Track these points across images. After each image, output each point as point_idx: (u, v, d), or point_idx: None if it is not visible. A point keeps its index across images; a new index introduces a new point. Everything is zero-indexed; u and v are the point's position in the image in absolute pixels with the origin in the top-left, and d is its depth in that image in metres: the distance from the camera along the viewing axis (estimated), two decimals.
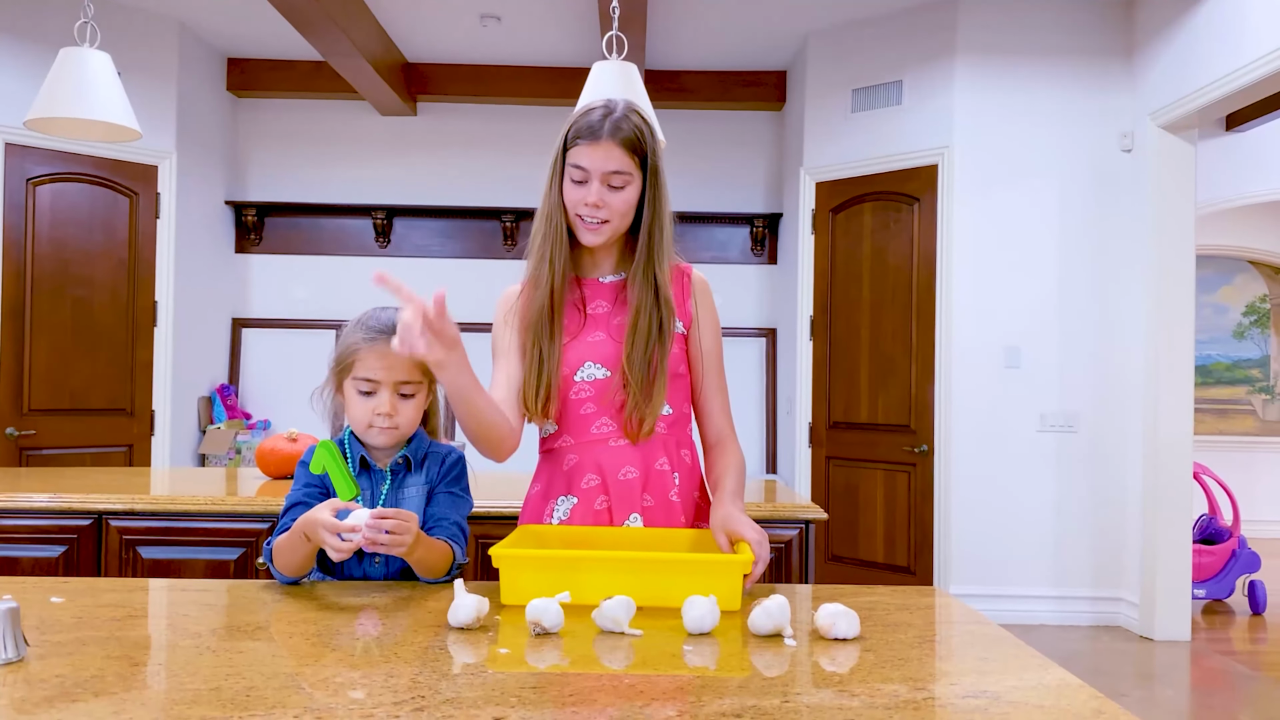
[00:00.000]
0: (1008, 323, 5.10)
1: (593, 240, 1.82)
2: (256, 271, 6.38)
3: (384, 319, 1.78)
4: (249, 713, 1.02)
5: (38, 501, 2.59)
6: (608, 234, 1.82)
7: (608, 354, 1.85)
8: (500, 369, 1.86)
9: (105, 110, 3.14)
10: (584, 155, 1.77)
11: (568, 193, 1.81)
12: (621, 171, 1.78)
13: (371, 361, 1.74)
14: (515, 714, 1.04)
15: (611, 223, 1.81)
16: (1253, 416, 8.39)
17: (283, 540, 1.66)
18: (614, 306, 1.89)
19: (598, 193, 1.77)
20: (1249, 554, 5.63)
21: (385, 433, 1.76)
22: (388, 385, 1.75)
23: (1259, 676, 4.38)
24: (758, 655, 1.29)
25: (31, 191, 4.92)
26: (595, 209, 1.78)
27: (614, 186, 1.78)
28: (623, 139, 1.77)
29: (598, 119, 1.78)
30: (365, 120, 6.40)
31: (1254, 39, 4.08)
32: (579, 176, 1.78)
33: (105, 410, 5.23)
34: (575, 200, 1.80)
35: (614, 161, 1.77)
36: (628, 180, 1.79)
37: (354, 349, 1.76)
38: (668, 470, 1.88)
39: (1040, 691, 1.16)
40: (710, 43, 5.83)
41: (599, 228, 1.80)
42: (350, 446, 1.81)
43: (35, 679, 1.12)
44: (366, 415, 1.75)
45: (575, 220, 1.82)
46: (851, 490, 5.50)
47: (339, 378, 1.80)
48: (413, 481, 1.80)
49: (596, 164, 1.77)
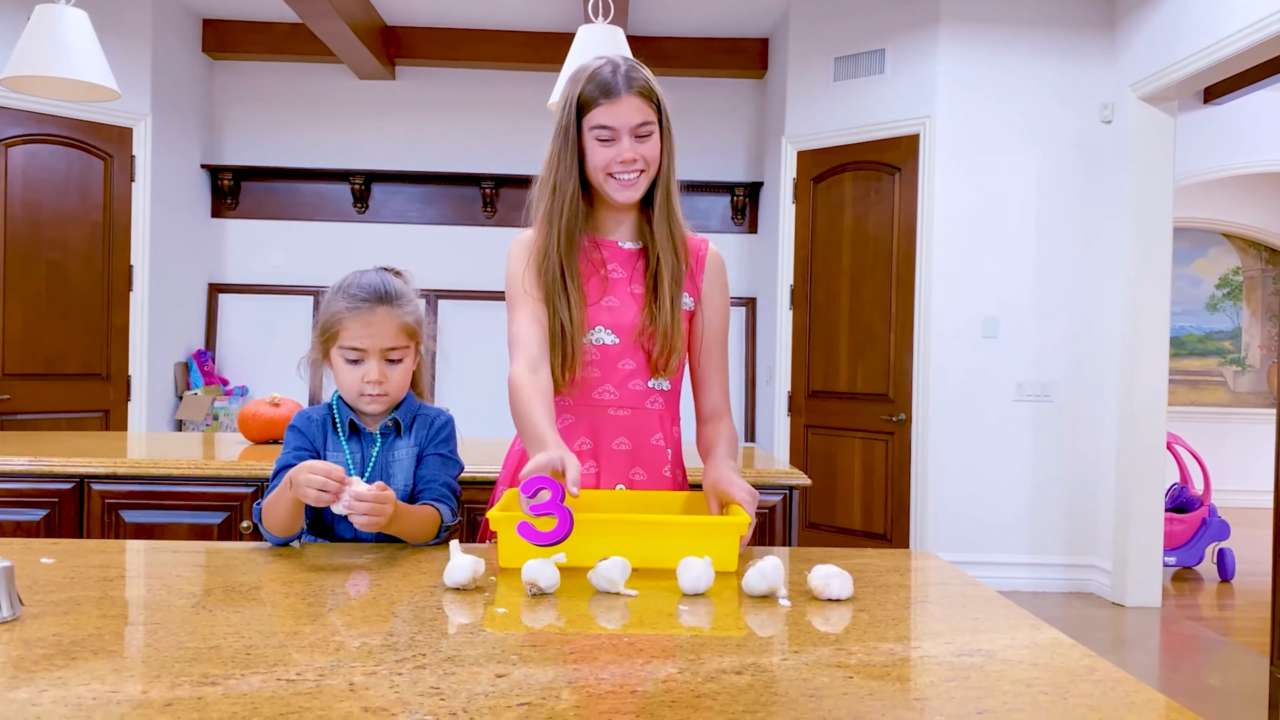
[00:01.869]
0: (986, 293, 5.13)
1: (628, 197, 1.81)
2: (233, 236, 6.31)
3: (365, 284, 1.77)
4: (251, 670, 1.02)
5: (17, 465, 2.57)
6: (644, 185, 1.82)
7: (619, 321, 1.85)
8: (526, 311, 1.81)
9: (83, 69, 3.09)
10: (606, 114, 1.76)
11: (595, 156, 1.79)
12: (646, 121, 1.78)
13: (357, 330, 1.74)
14: (518, 670, 1.04)
15: (647, 172, 1.81)
16: (1224, 388, 8.51)
17: (270, 497, 1.65)
18: (630, 273, 1.88)
19: (631, 147, 1.77)
20: (1219, 523, 5.73)
21: (376, 400, 1.76)
22: (374, 353, 1.74)
23: (1227, 642, 4.46)
24: (752, 615, 1.30)
25: (4, 153, 4.85)
26: (631, 164, 1.78)
27: (641, 136, 1.78)
28: (639, 89, 1.77)
29: (609, 75, 1.77)
30: (343, 84, 6.33)
31: (1233, 12, 4.10)
32: (605, 136, 1.77)
33: (81, 375, 5.18)
34: (606, 160, 1.78)
35: (638, 113, 1.77)
36: (652, 128, 1.79)
37: (338, 318, 1.75)
38: (662, 445, 1.89)
39: (1033, 650, 1.17)
40: (692, 9, 5.79)
41: (635, 181, 1.80)
42: (339, 411, 1.80)
43: (33, 638, 1.12)
44: (356, 384, 1.75)
45: (606, 181, 1.80)
46: (830, 458, 5.53)
47: (325, 346, 1.79)
48: (402, 444, 1.80)
49: (621, 119, 1.76)
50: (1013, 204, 5.12)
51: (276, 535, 1.66)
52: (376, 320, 1.74)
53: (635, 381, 1.86)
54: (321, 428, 1.79)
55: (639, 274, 1.88)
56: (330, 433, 1.79)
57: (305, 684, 0.99)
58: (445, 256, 6.21)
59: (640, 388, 1.87)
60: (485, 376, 5.19)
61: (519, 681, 1.01)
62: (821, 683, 1.03)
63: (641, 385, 1.87)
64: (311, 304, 6.26)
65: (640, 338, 1.85)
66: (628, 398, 1.86)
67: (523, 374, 1.72)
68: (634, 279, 1.88)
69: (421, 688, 0.98)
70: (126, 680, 0.99)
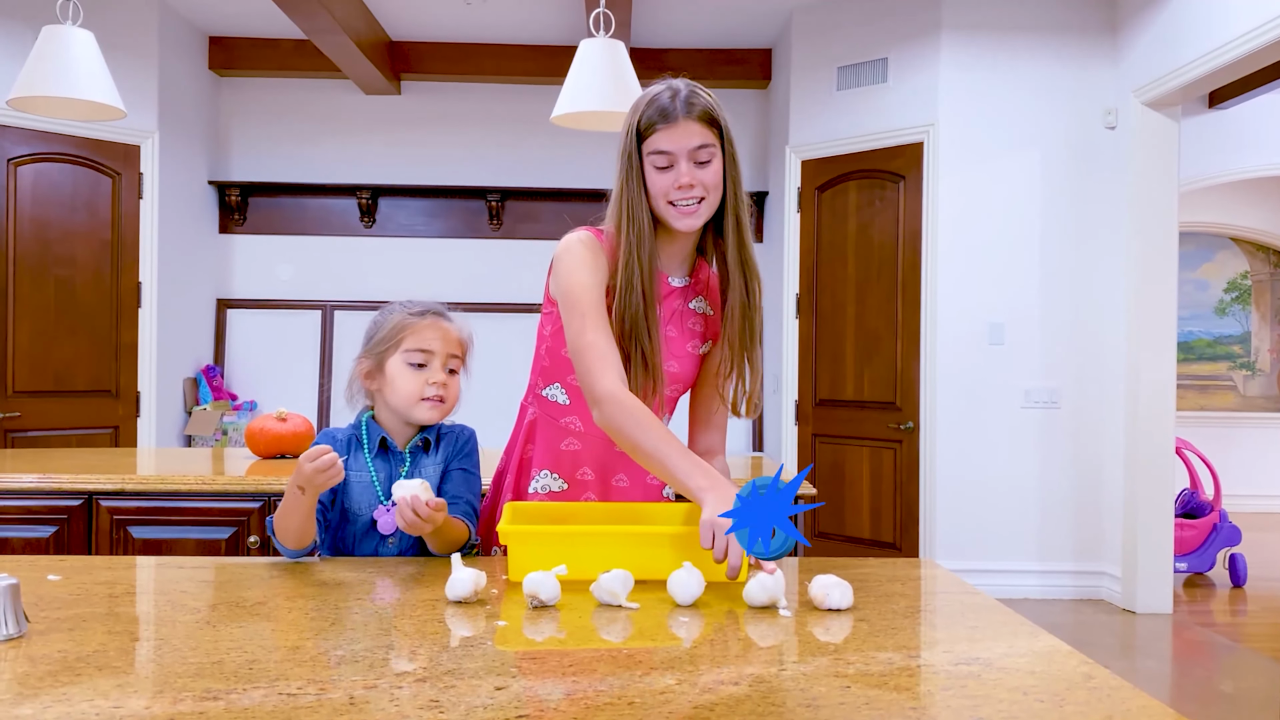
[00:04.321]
0: (992, 299, 5.13)
1: (690, 225, 1.73)
2: (240, 252, 6.34)
3: (419, 302, 1.86)
4: (252, 685, 1.03)
5: (27, 482, 2.59)
6: (705, 213, 1.75)
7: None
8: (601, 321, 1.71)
9: (89, 89, 3.12)
10: (664, 139, 1.70)
11: (654, 183, 1.72)
12: (706, 145, 1.71)
13: (426, 334, 1.80)
14: (517, 684, 1.05)
15: (708, 199, 1.73)
16: (1233, 392, 8.47)
17: (280, 509, 1.66)
18: (669, 315, 1.82)
19: (689, 173, 1.70)
20: (1230, 528, 5.70)
21: (436, 405, 1.79)
22: (440, 356, 1.80)
23: (1239, 648, 4.44)
24: (753, 626, 1.31)
25: (13, 172, 4.88)
26: (689, 190, 1.70)
27: (701, 162, 1.71)
28: (699, 114, 1.71)
29: (667, 100, 1.71)
30: (349, 99, 6.36)
31: (1236, 16, 4.10)
32: (663, 163, 1.70)
33: (90, 392, 5.20)
34: (665, 188, 1.71)
35: (696, 136, 1.70)
36: (713, 153, 1.72)
37: (404, 325, 1.81)
38: (656, 484, 1.88)
39: (1031, 658, 1.18)
40: (694, 20, 5.81)
41: (695, 209, 1.72)
42: (369, 429, 1.82)
43: (38, 655, 1.13)
44: (419, 388, 1.78)
45: (666, 209, 1.72)
46: (837, 467, 5.53)
47: (382, 357, 1.81)
48: (429, 461, 1.83)
49: (679, 144, 1.70)
50: (1017, 210, 5.12)
51: (292, 548, 1.67)
52: (442, 326, 1.83)
53: None
54: (346, 446, 1.81)
55: (675, 317, 1.83)
56: (355, 451, 1.81)
57: (306, 698, 1.00)
58: (452, 269, 6.23)
59: None
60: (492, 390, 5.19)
61: (518, 694, 1.02)
62: (819, 692, 1.04)
63: None
64: (319, 318, 6.29)
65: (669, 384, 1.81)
66: None
67: (624, 392, 1.64)
68: (669, 320, 1.82)
69: (421, 701, 0.99)
70: (130, 696, 1.00)
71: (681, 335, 1.85)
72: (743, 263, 1.81)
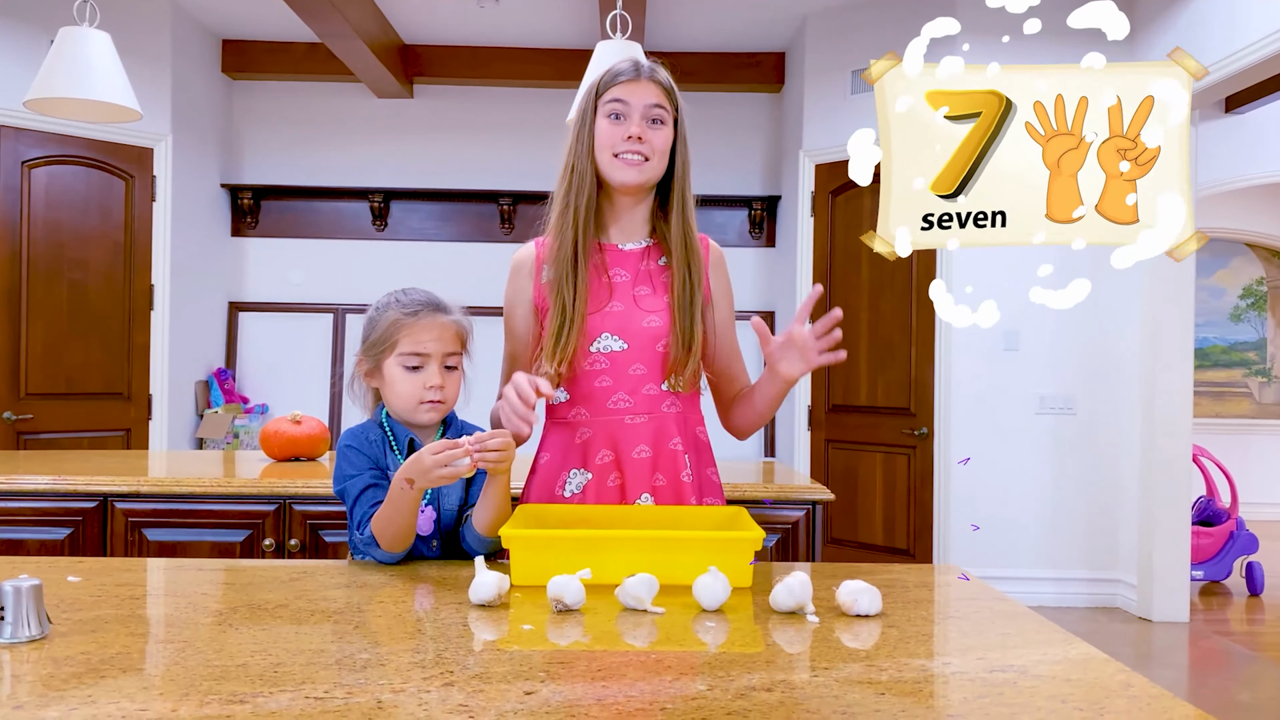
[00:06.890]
0: (1006, 305, 5.09)
1: (632, 177, 1.80)
2: (253, 255, 6.35)
3: (416, 295, 1.80)
4: (278, 688, 1.02)
5: (42, 484, 2.58)
6: (648, 173, 1.81)
7: (625, 326, 1.83)
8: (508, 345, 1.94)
9: (105, 90, 3.12)
10: (623, 91, 1.79)
11: (604, 133, 1.80)
12: (661, 106, 1.80)
13: (419, 334, 1.75)
14: (546, 688, 1.04)
15: (651, 161, 1.80)
16: (1249, 399, 8.42)
17: (383, 511, 1.62)
18: (635, 276, 1.87)
19: (640, 126, 1.78)
20: (1247, 536, 5.66)
21: (434, 407, 1.76)
22: (436, 357, 1.75)
23: (1257, 657, 4.41)
24: (780, 631, 1.29)
25: (26, 174, 4.89)
26: (637, 142, 1.78)
27: (654, 121, 1.80)
28: (659, 80, 1.82)
29: (631, 64, 1.82)
30: (362, 103, 6.36)
31: (1254, 20, 4.08)
32: (618, 110, 1.79)
33: (102, 394, 5.20)
34: (614, 137, 1.79)
35: (654, 96, 1.80)
36: (665, 116, 1.81)
37: (396, 325, 1.75)
38: (680, 450, 1.86)
39: (1066, 665, 1.16)
40: (708, 24, 5.80)
41: (640, 164, 1.79)
42: (394, 429, 1.80)
43: (61, 656, 1.12)
44: (416, 392, 1.75)
45: (610, 162, 1.80)
46: (851, 473, 5.50)
47: (377, 359, 1.78)
48: None
49: (637, 98, 1.79)
50: None
51: (395, 551, 1.64)
52: (437, 324, 1.77)
53: (649, 386, 1.84)
54: (380, 446, 1.78)
55: (643, 275, 1.87)
56: (388, 451, 1.78)
57: (334, 701, 0.98)
58: (464, 273, 6.22)
59: (654, 392, 1.85)
60: None
61: (547, 699, 1.00)
62: (853, 699, 1.02)
63: (655, 390, 1.85)
64: (331, 321, 6.29)
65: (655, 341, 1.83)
66: (643, 403, 1.84)
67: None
68: (638, 280, 1.86)
69: (450, 705, 0.98)
70: (155, 698, 0.99)
71: (656, 291, 1.87)
72: (685, 237, 1.86)
